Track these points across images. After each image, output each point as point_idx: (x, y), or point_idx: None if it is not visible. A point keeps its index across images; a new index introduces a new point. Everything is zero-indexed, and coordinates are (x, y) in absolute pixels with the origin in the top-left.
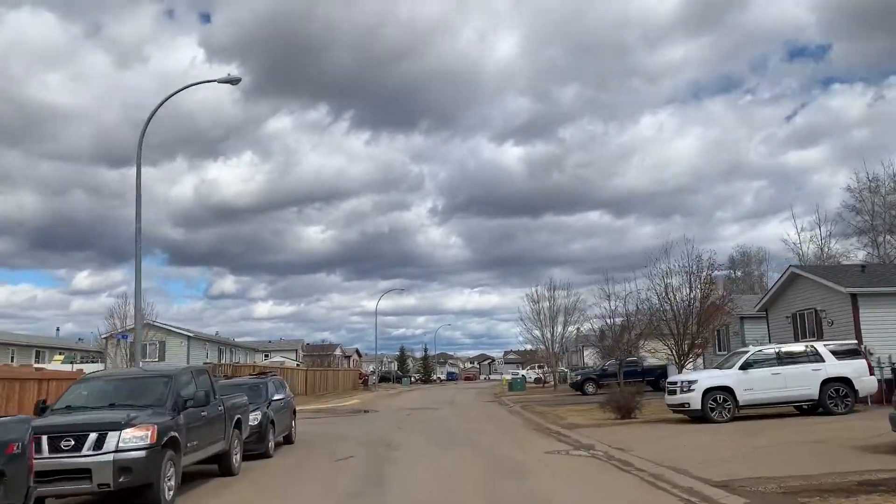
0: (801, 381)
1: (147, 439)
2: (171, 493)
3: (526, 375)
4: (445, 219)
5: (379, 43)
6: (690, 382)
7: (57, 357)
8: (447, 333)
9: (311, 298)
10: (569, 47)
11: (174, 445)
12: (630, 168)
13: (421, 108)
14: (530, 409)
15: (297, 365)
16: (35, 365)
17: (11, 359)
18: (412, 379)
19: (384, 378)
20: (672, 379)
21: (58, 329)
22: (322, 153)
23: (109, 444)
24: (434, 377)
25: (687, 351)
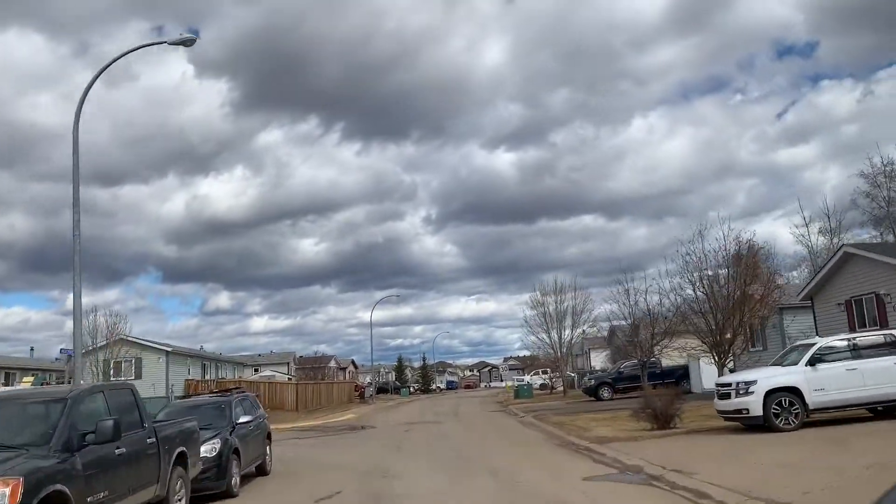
0: (883, 377)
1: (5, 500)
2: None
3: (531, 382)
4: (440, 227)
5: (368, 54)
6: (748, 383)
7: (26, 379)
8: (445, 342)
9: (306, 311)
10: (557, 52)
11: None
12: (622, 171)
13: (412, 117)
14: (545, 419)
15: (289, 379)
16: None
17: None
18: (411, 389)
19: (382, 389)
20: (724, 380)
21: (32, 349)
22: (314, 165)
23: None
24: (434, 386)
25: (728, 347)
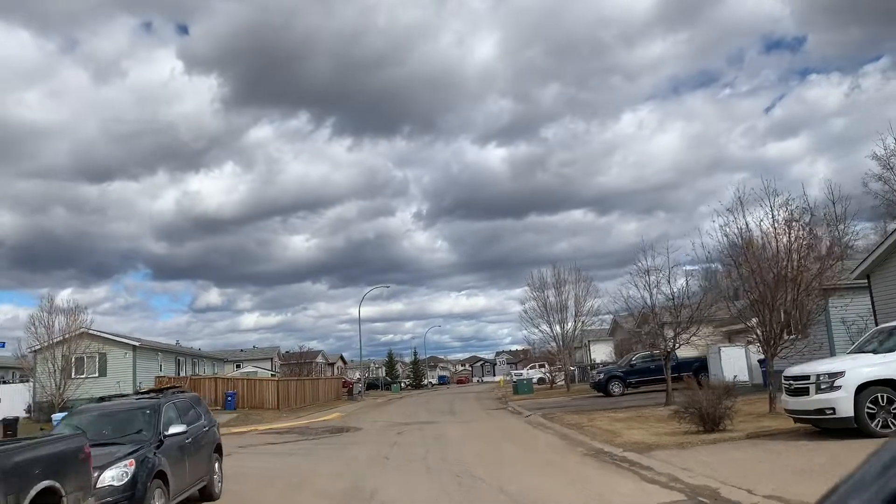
0: None
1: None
2: None
3: (529, 376)
4: (431, 223)
5: (359, 49)
6: (834, 376)
7: None
8: (436, 337)
9: (297, 308)
10: (548, 47)
11: None
12: (612, 165)
13: (403, 112)
14: (556, 418)
15: (272, 375)
16: None
17: None
18: (402, 385)
19: (372, 385)
20: (798, 371)
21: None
22: (305, 161)
23: None
24: (425, 382)
25: (780, 332)
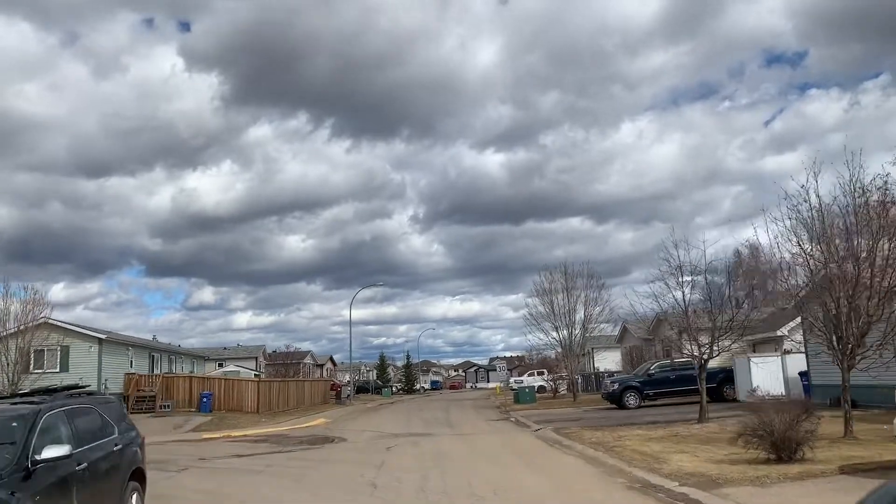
0: None
1: None
2: None
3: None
4: (427, 226)
5: (360, 51)
6: None
7: None
8: (429, 341)
9: (291, 308)
10: (549, 55)
11: None
12: (611, 174)
13: (402, 115)
14: (574, 435)
15: (256, 375)
16: None
17: None
18: (393, 389)
19: (362, 389)
20: None
21: None
22: (303, 161)
23: None
24: (418, 386)
25: (860, 336)
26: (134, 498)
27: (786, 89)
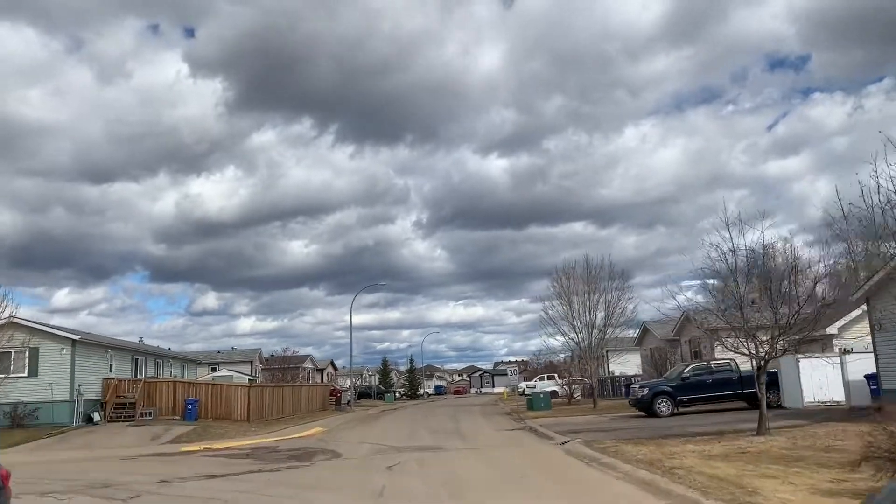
0: None
1: None
2: None
3: (542, 388)
4: (430, 231)
5: (363, 56)
6: None
7: None
8: (432, 346)
9: (294, 314)
10: (552, 59)
11: None
12: (614, 178)
13: (405, 120)
14: (610, 450)
15: (250, 380)
16: None
17: None
18: (397, 394)
19: (364, 394)
20: None
21: None
22: (306, 167)
23: None
24: (421, 391)
25: None
26: None
27: (789, 93)
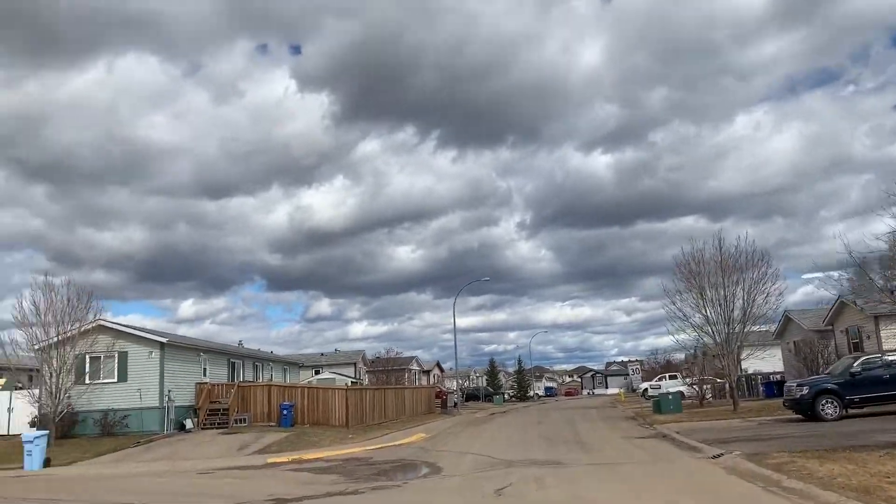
0: None
1: None
2: None
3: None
4: (534, 232)
5: (463, 61)
6: None
7: None
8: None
9: (403, 318)
10: (655, 51)
11: None
12: (725, 170)
13: (506, 122)
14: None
15: (352, 383)
16: None
17: None
18: (505, 396)
19: (471, 396)
20: None
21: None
22: (410, 173)
23: None
24: (531, 393)
25: None
26: None
27: None
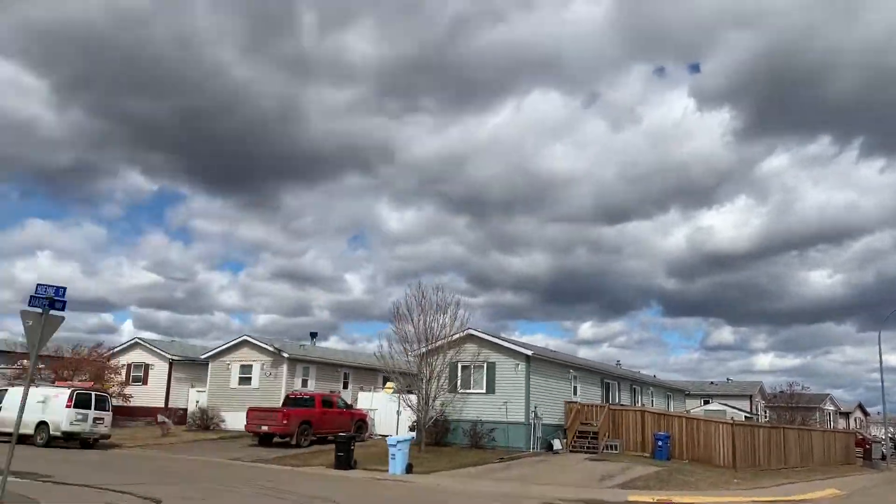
0: None
1: None
2: None
3: None
4: None
5: (890, 59)
6: None
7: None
8: None
9: (818, 350)
10: None
11: None
12: None
13: None
14: None
15: (748, 417)
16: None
17: None
18: None
19: None
20: None
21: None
22: (825, 188)
23: None
24: None
25: None
26: None
27: None
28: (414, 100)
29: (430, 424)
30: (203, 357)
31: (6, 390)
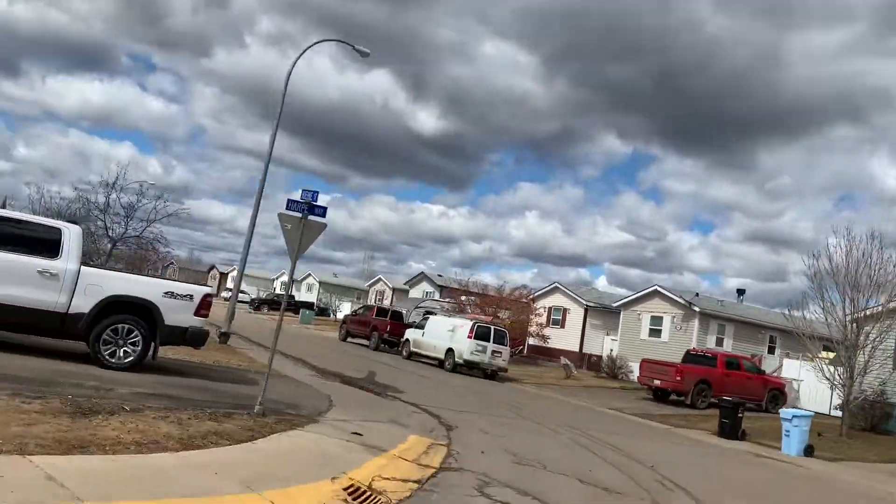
0: None
1: None
2: None
3: None
4: None
5: None
6: None
7: None
8: None
9: None
10: None
11: None
12: None
13: None
14: None
15: None
16: None
17: None
18: None
19: None
20: None
21: None
22: None
23: None
24: None
25: None
26: None
27: None
28: None
29: (857, 404)
30: (615, 305)
31: (427, 318)
